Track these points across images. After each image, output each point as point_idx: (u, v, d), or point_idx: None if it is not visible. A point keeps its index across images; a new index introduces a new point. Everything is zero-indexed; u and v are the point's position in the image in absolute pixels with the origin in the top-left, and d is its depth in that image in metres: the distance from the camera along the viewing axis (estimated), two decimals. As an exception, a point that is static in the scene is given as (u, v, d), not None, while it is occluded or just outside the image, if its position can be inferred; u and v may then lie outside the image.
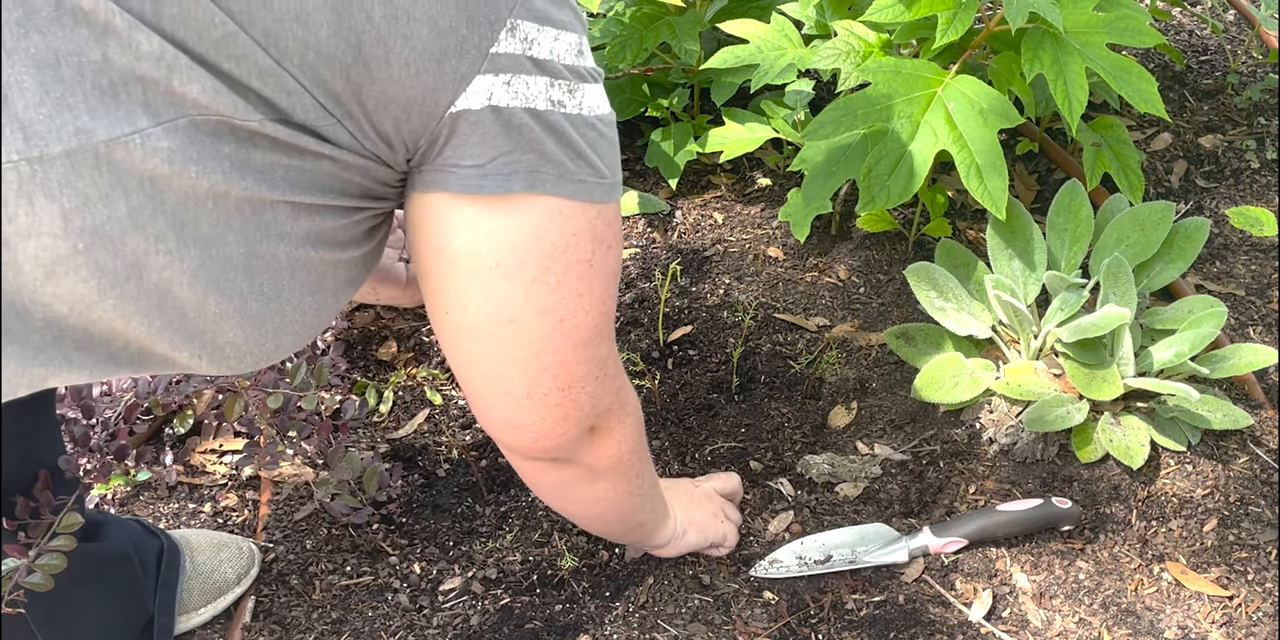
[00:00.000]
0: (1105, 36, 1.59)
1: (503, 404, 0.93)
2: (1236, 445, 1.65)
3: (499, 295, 0.84)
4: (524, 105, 0.78)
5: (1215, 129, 2.18)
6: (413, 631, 1.47)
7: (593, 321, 0.90)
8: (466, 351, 0.90)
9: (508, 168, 0.79)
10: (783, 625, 1.45)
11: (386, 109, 0.75)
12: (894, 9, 1.55)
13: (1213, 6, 2.52)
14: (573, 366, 0.91)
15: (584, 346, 0.90)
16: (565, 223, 0.83)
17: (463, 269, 0.84)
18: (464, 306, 0.86)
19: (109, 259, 0.71)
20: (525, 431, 0.96)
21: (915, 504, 1.59)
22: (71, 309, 0.73)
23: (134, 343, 0.78)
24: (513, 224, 0.81)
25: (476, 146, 0.78)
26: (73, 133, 0.66)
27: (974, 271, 1.73)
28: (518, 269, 0.83)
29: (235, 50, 0.69)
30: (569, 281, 0.85)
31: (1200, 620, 1.46)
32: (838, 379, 1.75)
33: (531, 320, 0.86)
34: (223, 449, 1.70)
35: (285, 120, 0.73)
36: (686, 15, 1.92)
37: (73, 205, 0.68)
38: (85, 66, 0.66)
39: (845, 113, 1.57)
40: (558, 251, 0.84)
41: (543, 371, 0.90)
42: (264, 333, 0.82)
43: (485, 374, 0.91)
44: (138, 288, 0.73)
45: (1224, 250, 1.96)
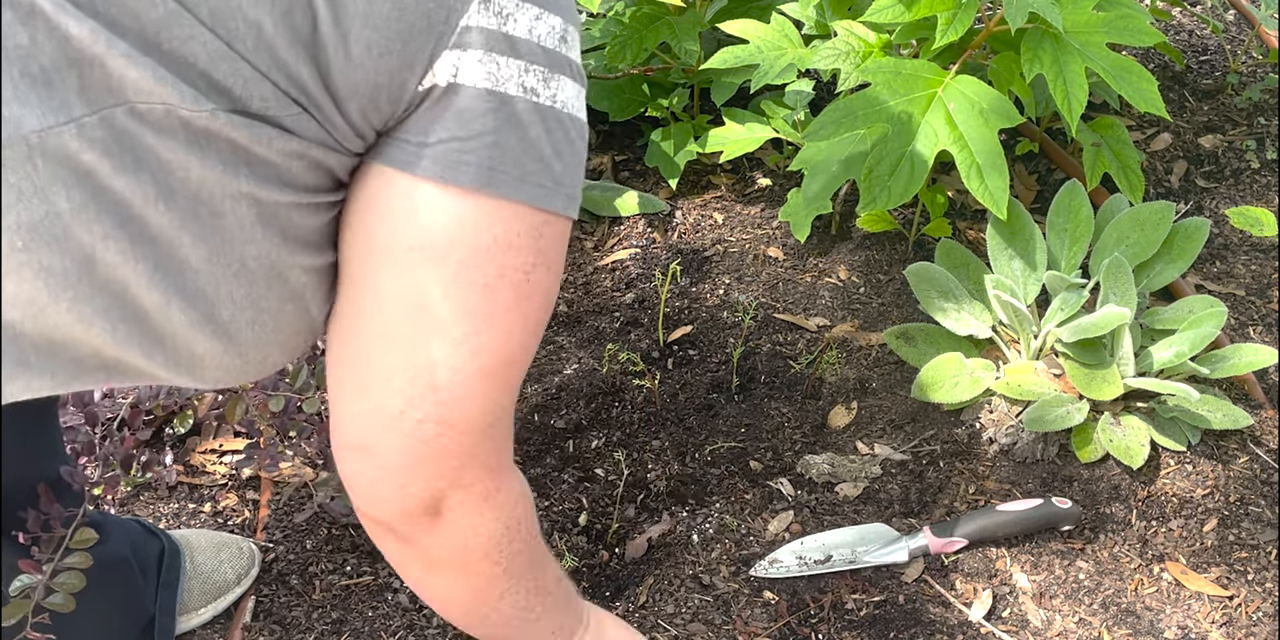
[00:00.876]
0: (1105, 36, 1.59)
1: (367, 417, 0.78)
2: (1236, 445, 1.65)
3: (414, 280, 0.73)
4: (491, 87, 0.70)
5: (1215, 129, 2.18)
6: (413, 631, 1.47)
7: (509, 352, 0.77)
8: (356, 344, 0.78)
9: (460, 155, 0.71)
10: (783, 625, 1.46)
11: (352, 97, 0.69)
12: (894, 9, 1.56)
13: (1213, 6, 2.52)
14: (466, 396, 0.77)
15: (490, 377, 0.77)
16: (510, 223, 0.74)
17: (381, 244, 0.74)
18: (373, 288, 0.75)
19: (54, 258, 0.65)
20: (375, 458, 0.79)
21: (915, 504, 1.59)
22: (24, 314, 0.67)
23: (102, 351, 0.72)
24: (452, 211, 0.72)
25: (432, 124, 0.71)
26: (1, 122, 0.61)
27: (974, 271, 1.73)
28: (444, 256, 0.73)
29: (179, 31, 0.63)
30: (500, 289, 0.74)
31: (1200, 620, 1.46)
32: (838, 379, 1.75)
33: (443, 317, 0.74)
34: (223, 449, 1.70)
35: (242, 111, 0.66)
36: (686, 15, 1.92)
37: (6, 200, 0.63)
38: (11, 52, 0.61)
39: (845, 113, 1.57)
40: (495, 251, 0.74)
41: (430, 389, 0.76)
42: (241, 345, 0.75)
43: (362, 370, 0.78)
44: (91, 289, 0.67)
45: (1224, 250, 1.96)
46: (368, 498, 0.83)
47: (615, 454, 1.65)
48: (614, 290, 1.89)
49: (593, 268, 1.92)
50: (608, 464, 1.65)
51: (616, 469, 1.64)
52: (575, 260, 1.94)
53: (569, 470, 1.64)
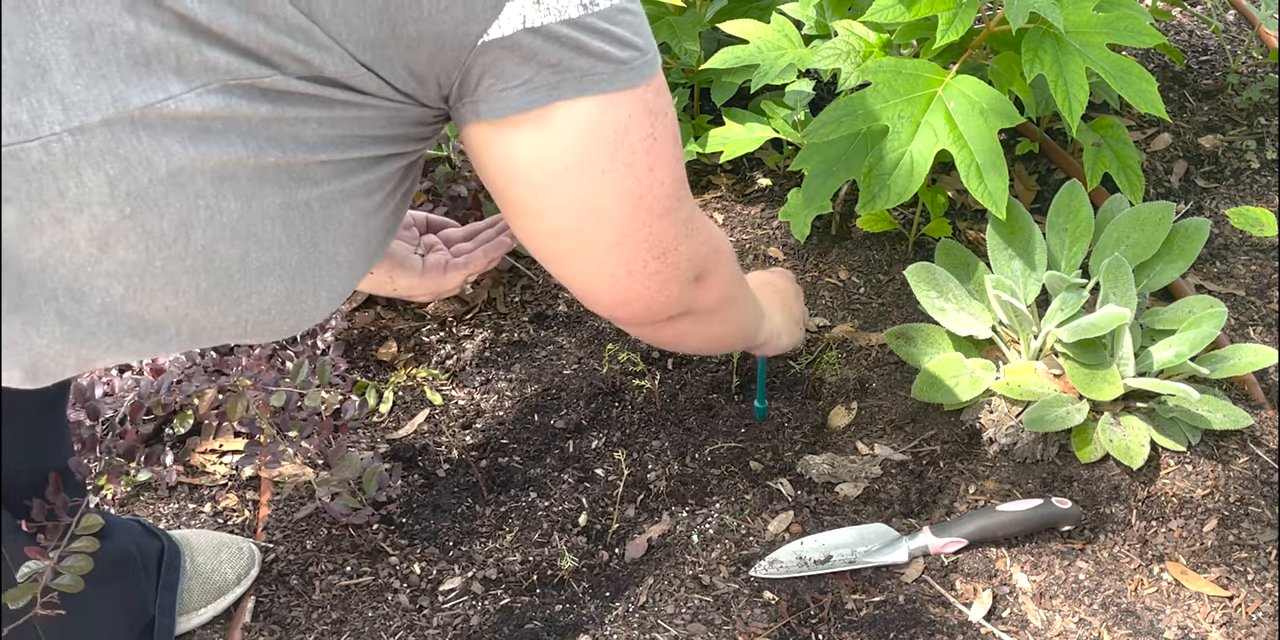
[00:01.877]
0: (1105, 37, 1.59)
1: (609, 288, 0.96)
2: (1236, 445, 1.65)
3: (577, 193, 0.86)
4: (558, 18, 0.77)
5: (1215, 129, 2.18)
6: (413, 631, 1.47)
7: (669, 189, 0.91)
8: (561, 252, 0.93)
9: (555, 77, 0.79)
10: (783, 625, 1.46)
11: (419, 47, 0.75)
12: (894, 9, 1.55)
13: (1213, 6, 2.52)
14: (662, 235, 0.93)
15: (667, 214, 0.92)
16: (619, 110, 0.83)
17: (535, 181, 0.85)
18: (548, 214, 0.88)
19: (155, 221, 0.72)
20: (636, 305, 0.99)
21: (915, 504, 1.59)
22: (126, 287, 0.75)
23: (185, 320, 0.79)
24: (567, 128, 0.82)
25: (516, 67, 0.78)
26: (110, 101, 0.68)
27: (974, 271, 1.73)
28: (586, 166, 0.84)
29: (264, 9, 0.69)
30: (638, 161, 0.86)
31: (1200, 620, 1.46)
32: (838, 379, 1.75)
33: (614, 207, 0.88)
34: (223, 449, 1.70)
35: (315, 77, 0.73)
36: (686, 15, 1.92)
37: (116, 172, 0.69)
38: (118, 37, 0.67)
39: (846, 113, 1.57)
40: (619, 138, 0.84)
41: (636, 248, 0.92)
42: (304, 287, 0.84)
43: (585, 267, 0.94)
44: (185, 248, 0.74)
45: (1224, 250, 1.96)
46: (647, 317, 1.01)
47: (615, 454, 1.65)
48: (614, 290, 1.89)
49: (593, 268, 1.92)
50: (608, 464, 1.65)
51: (616, 469, 1.64)
52: (575, 260, 1.94)
53: (569, 470, 1.64)
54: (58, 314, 0.75)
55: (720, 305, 1.11)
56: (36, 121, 0.67)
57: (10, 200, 0.68)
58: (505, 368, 1.79)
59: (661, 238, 0.93)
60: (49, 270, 0.72)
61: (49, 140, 0.67)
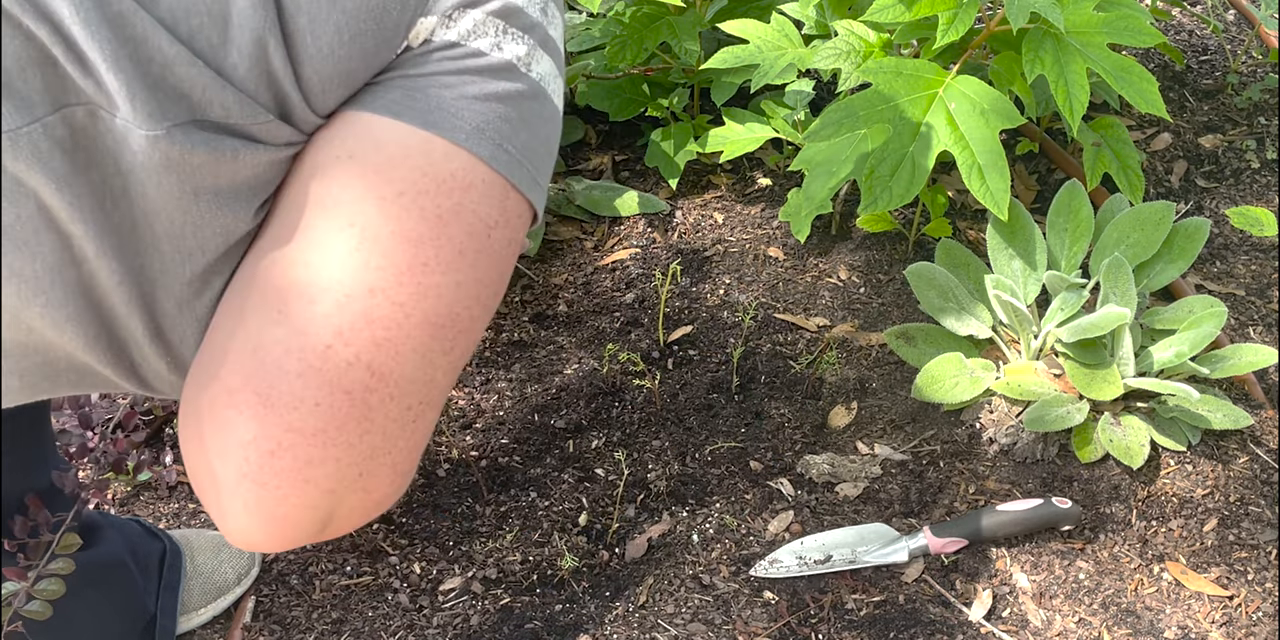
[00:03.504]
0: (1106, 36, 1.59)
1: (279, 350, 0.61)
2: (1236, 445, 1.65)
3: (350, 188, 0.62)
4: (465, 41, 0.64)
5: (1215, 129, 2.18)
6: (413, 631, 1.47)
7: (454, 306, 0.64)
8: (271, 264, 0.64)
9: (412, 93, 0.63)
10: (783, 625, 1.46)
11: (327, 89, 0.62)
12: (894, 9, 1.55)
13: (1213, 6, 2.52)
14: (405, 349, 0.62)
15: (432, 332, 0.63)
16: (471, 169, 0.64)
17: (314, 161, 0.64)
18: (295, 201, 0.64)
19: (25, 262, 0.61)
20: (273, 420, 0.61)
21: (915, 504, 1.59)
22: None
23: (73, 356, 0.67)
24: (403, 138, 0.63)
25: (390, 69, 0.64)
26: None
27: (974, 271, 1.73)
28: (388, 168, 0.62)
29: (133, 31, 0.58)
30: (455, 227, 0.63)
31: (1200, 620, 1.46)
32: (838, 379, 1.75)
33: (389, 242, 0.61)
34: (223, 449, 1.69)
35: (199, 122, 0.60)
36: (686, 15, 1.92)
37: None
38: None
39: (846, 113, 1.57)
40: (454, 186, 0.63)
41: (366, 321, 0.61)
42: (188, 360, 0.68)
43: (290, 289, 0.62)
44: (63, 293, 0.63)
45: (1224, 250, 1.96)
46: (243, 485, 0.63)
47: (615, 454, 1.65)
48: (614, 290, 1.89)
49: (593, 268, 1.92)
50: (608, 464, 1.65)
51: (616, 469, 1.64)
52: (575, 260, 1.94)
53: (569, 470, 1.64)
54: None
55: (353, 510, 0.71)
56: None
57: None
58: (505, 368, 1.79)
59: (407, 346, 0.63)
60: None
61: None
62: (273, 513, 0.63)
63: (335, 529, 0.67)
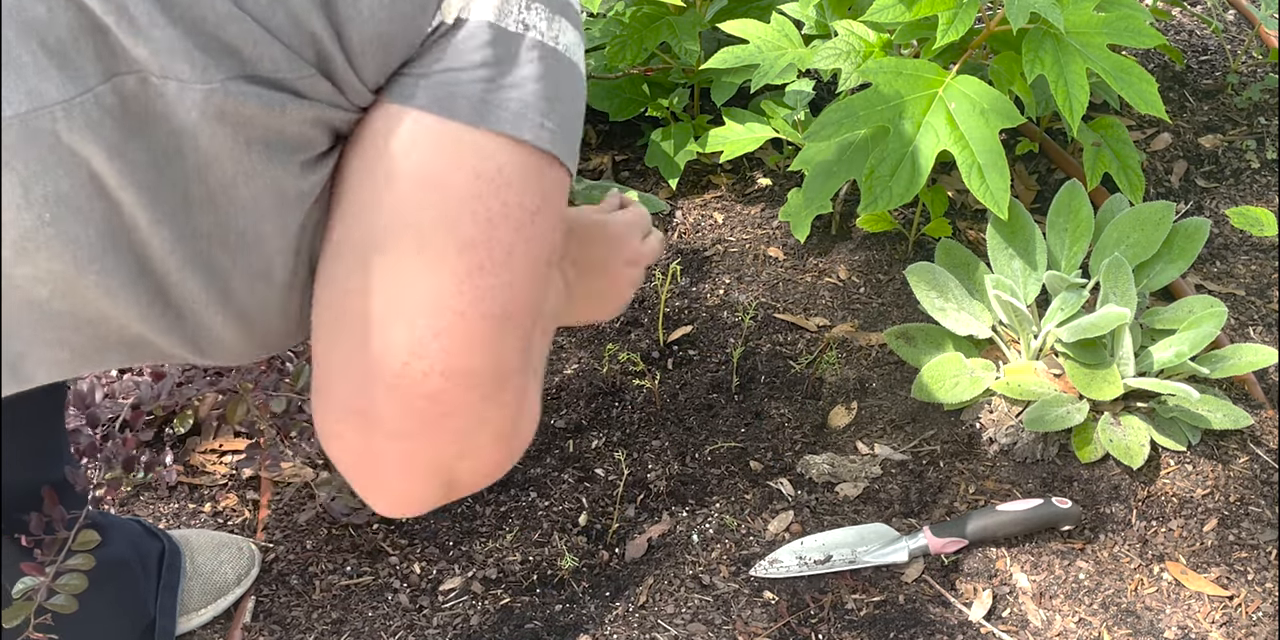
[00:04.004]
0: (1106, 37, 1.59)
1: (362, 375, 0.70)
2: (1236, 445, 1.65)
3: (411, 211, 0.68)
4: (493, 19, 0.68)
5: (1215, 129, 2.18)
6: (413, 631, 1.47)
7: (513, 297, 0.71)
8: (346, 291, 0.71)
9: (456, 87, 0.68)
10: (783, 625, 1.46)
11: (366, 49, 0.66)
12: (894, 9, 1.55)
13: (1213, 6, 2.52)
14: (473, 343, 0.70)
15: (497, 323, 0.70)
16: (511, 158, 0.69)
17: (376, 177, 0.69)
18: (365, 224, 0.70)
19: (80, 229, 0.65)
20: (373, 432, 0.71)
21: (915, 504, 1.59)
22: (53, 290, 0.67)
23: (126, 327, 0.71)
24: (449, 142, 0.69)
25: (432, 57, 0.69)
26: (24, 95, 0.61)
27: (974, 271, 1.73)
28: (442, 186, 0.68)
29: None
30: (502, 226, 0.69)
31: (1200, 620, 1.46)
32: (838, 379, 1.75)
33: (444, 251, 0.68)
34: (223, 449, 1.70)
35: (250, 76, 0.64)
36: (686, 15, 1.92)
37: (30, 173, 0.62)
38: (28, 24, 0.60)
39: (846, 113, 1.57)
40: (498, 184, 0.69)
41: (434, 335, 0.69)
42: (251, 318, 0.74)
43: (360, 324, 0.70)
44: (116, 260, 0.67)
45: (1224, 250, 1.96)
46: (374, 483, 0.76)
47: (615, 454, 1.65)
48: (614, 290, 1.89)
49: (593, 267, 1.92)
50: (608, 464, 1.65)
51: (616, 469, 1.64)
52: (575, 260, 1.94)
53: (569, 470, 1.64)
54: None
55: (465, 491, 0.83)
56: None
57: None
58: (505, 368, 1.79)
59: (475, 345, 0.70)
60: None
61: None
62: (396, 496, 0.78)
63: (463, 490, 0.80)
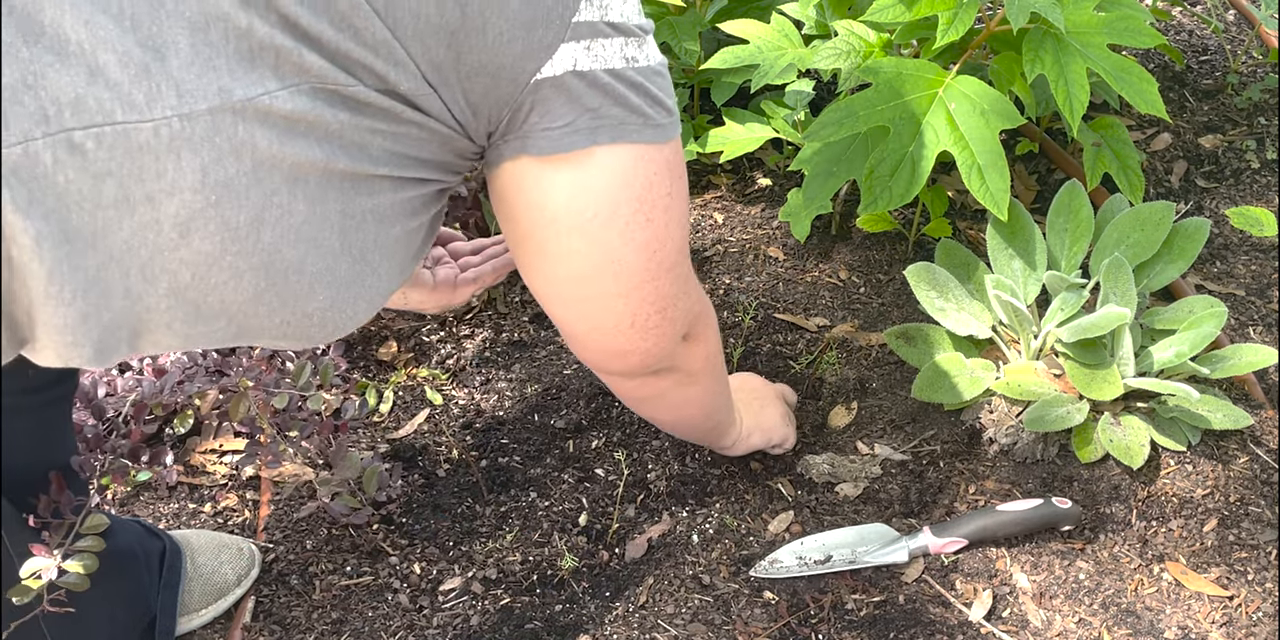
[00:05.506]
0: (1106, 37, 1.59)
1: (609, 337, 1.01)
2: (1236, 445, 1.65)
3: (600, 242, 0.91)
4: (604, 66, 0.83)
5: (1215, 129, 2.18)
6: (413, 631, 1.47)
7: (677, 244, 0.96)
8: (570, 298, 0.98)
9: (594, 122, 0.85)
10: (783, 625, 1.46)
11: (478, 76, 0.81)
12: (894, 9, 1.55)
13: (1213, 6, 2.52)
14: (666, 289, 0.99)
15: (674, 269, 0.98)
16: (648, 165, 0.89)
17: (564, 225, 0.90)
18: (568, 259, 0.93)
19: (235, 212, 0.75)
20: (631, 356, 1.04)
21: (915, 504, 1.59)
22: (194, 275, 0.77)
23: (236, 315, 0.82)
24: (603, 174, 0.88)
25: (562, 108, 0.84)
26: (216, 91, 0.72)
27: (974, 271, 1.73)
28: (613, 215, 0.90)
29: (357, 21, 0.75)
30: (657, 216, 0.92)
31: (1200, 620, 1.46)
32: (838, 379, 1.75)
33: (630, 258, 0.93)
34: (223, 449, 1.70)
35: (389, 91, 0.78)
36: (686, 15, 1.92)
37: (210, 159, 0.73)
38: (230, 31, 0.72)
39: (846, 114, 1.57)
40: (645, 192, 0.90)
41: (643, 301, 0.97)
42: (347, 296, 0.87)
43: (589, 315, 0.99)
44: (254, 244, 0.78)
45: (1224, 250, 1.96)
46: (637, 369, 1.07)
47: (615, 454, 1.65)
48: (614, 290, 1.89)
49: (593, 267, 1.92)
50: (608, 464, 1.65)
51: (616, 469, 1.64)
52: (575, 260, 1.94)
53: (569, 470, 1.64)
54: (126, 291, 0.77)
55: (703, 368, 1.16)
56: (151, 104, 0.70)
57: (113, 175, 0.71)
58: (505, 368, 1.79)
59: (666, 292, 0.99)
60: (133, 250, 0.75)
61: (159, 123, 0.71)
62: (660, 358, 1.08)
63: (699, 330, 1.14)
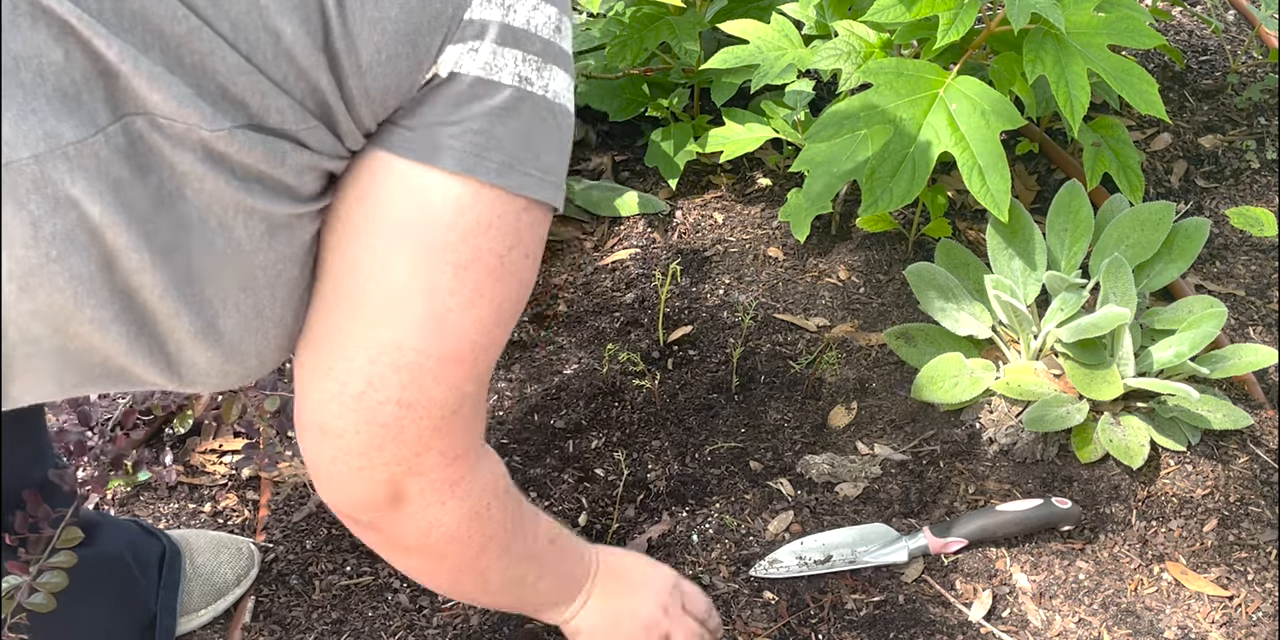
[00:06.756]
0: (1106, 38, 1.59)
1: (327, 397, 0.79)
2: (1236, 445, 1.65)
3: (387, 258, 0.75)
4: (486, 75, 0.72)
5: (1215, 129, 2.18)
6: (413, 631, 1.47)
7: (477, 337, 0.78)
8: (325, 324, 0.79)
9: (448, 139, 0.72)
10: (783, 625, 1.46)
11: (364, 101, 0.70)
12: (895, 9, 1.55)
13: (1213, 6, 2.52)
14: (429, 379, 0.78)
15: (455, 362, 0.78)
16: (491, 206, 0.74)
17: (360, 223, 0.75)
18: (346, 268, 0.76)
19: (83, 265, 0.67)
20: (331, 443, 0.81)
21: (915, 504, 1.59)
22: (48, 325, 0.69)
23: (111, 358, 0.73)
24: (433, 193, 0.73)
25: (424, 108, 0.72)
26: (40, 137, 0.63)
27: (974, 271, 1.73)
28: (419, 236, 0.74)
29: (200, 46, 0.65)
30: (472, 271, 0.75)
31: (1200, 620, 1.46)
32: (838, 379, 1.75)
33: (410, 297, 0.75)
34: (222, 449, 1.70)
35: (257, 126, 0.68)
36: (686, 15, 1.92)
37: (42, 212, 0.64)
38: (45, 68, 0.63)
39: (847, 114, 1.57)
40: (472, 232, 0.74)
41: (393, 369, 0.77)
42: (241, 352, 0.76)
43: (330, 354, 0.78)
44: (111, 294, 0.69)
45: (1224, 250, 1.96)
46: (327, 482, 0.85)
47: (615, 454, 1.65)
48: (614, 290, 1.89)
49: (593, 268, 1.92)
50: (608, 464, 1.65)
51: (616, 469, 1.64)
52: (575, 260, 1.94)
53: (569, 470, 1.64)
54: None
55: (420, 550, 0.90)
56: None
57: None
58: (505, 368, 1.79)
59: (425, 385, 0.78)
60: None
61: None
62: (351, 497, 0.85)
63: (418, 503, 0.86)
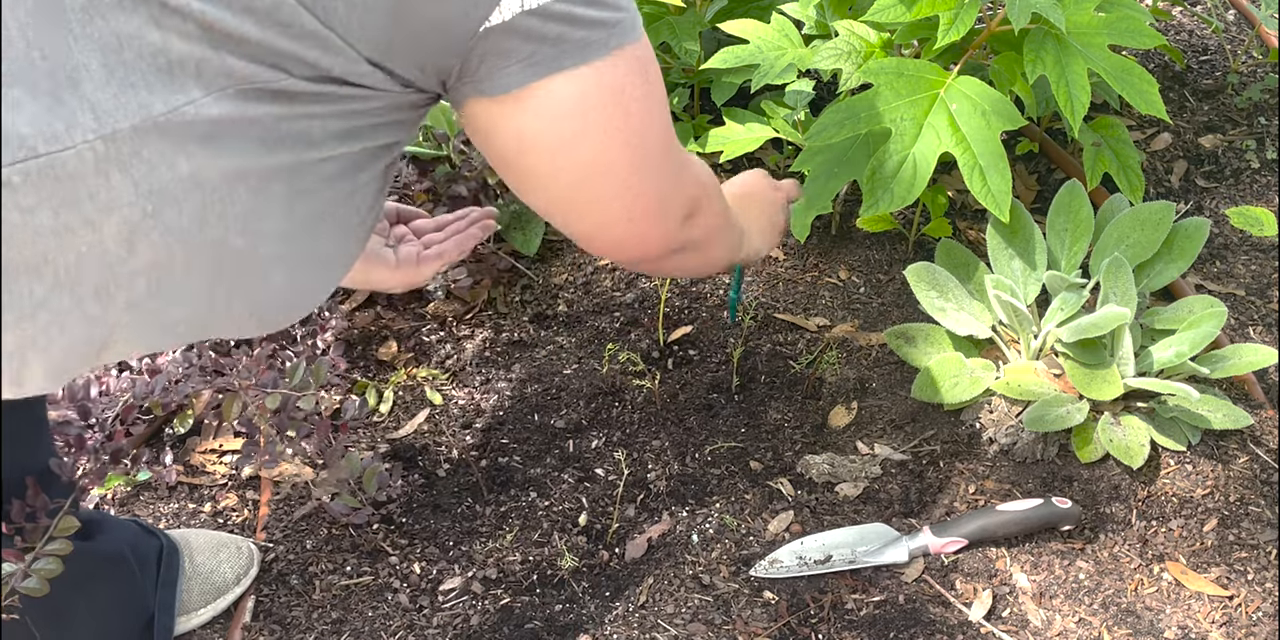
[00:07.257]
0: (1107, 38, 1.59)
1: (610, 233, 1.01)
2: (1236, 445, 1.65)
3: (586, 154, 0.91)
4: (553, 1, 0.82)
5: (1215, 129, 2.18)
6: (413, 631, 1.47)
7: (660, 130, 0.96)
8: (567, 208, 0.98)
9: (555, 50, 0.83)
10: (783, 625, 1.46)
11: (425, 38, 0.79)
12: (895, 9, 1.55)
13: (1213, 6, 2.52)
14: (660, 176, 0.98)
15: (663, 154, 0.97)
16: (616, 71, 0.87)
17: (544, 148, 0.89)
18: (557, 176, 0.92)
19: (175, 216, 0.76)
20: (636, 248, 1.03)
21: (915, 504, 1.59)
22: (149, 283, 0.78)
23: (195, 311, 0.84)
24: (573, 95, 0.86)
25: (520, 45, 0.82)
26: (136, 108, 0.72)
27: (974, 271, 1.73)
28: (591, 127, 0.89)
29: (282, 17, 0.74)
30: (634, 113, 0.90)
31: (1200, 620, 1.47)
32: (838, 379, 1.75)
33: (616, 159, 0.92)
34: (222, 449, 1.70)
35: (323, 77, 0.78)
36: (686, 15, 1.92)
37: (141, 173, 0.73)
38: (144, 48, 0.72)
39: (848, 115, 1.56)
40: (617, 97, 0.88)
41: (639, 195, 0.97)
42: (303, 273, 0.88)
43: (589, 217, 0.99)
44: (201, 241, 0.78)
45: (1224, 250, 1.96)
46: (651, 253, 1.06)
47: (615, 454, 1.65)
48: (614, 290, 1.89)
49: (593, 268, 1.92)
50: (608, 464, 1.65)
51: (616, 469, 1.64)
52: (575, 260, 1.94)
53: (569, 470, 1.64)
54: (82, 314, 0.77)
55: (711, 237, 1.16)
56: (71, 131, 0.70)
57: (45, 206, 0.72)
58: (505, 368, 1.79)
59: (660, 179, 0.98)
60: (82, 272, 0.75)
61: (82, 148, 0.71)
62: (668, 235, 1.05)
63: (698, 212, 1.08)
